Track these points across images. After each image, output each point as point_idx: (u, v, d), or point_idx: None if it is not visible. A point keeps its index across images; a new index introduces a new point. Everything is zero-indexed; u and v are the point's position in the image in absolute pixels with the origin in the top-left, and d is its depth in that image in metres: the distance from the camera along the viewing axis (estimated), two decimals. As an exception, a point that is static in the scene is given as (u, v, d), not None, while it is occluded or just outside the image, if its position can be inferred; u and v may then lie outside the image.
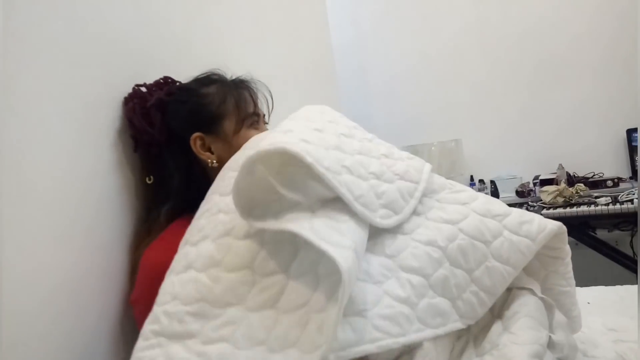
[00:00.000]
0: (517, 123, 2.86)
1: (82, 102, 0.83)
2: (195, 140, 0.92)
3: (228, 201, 0.72)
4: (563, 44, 2.74)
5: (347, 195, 0.66)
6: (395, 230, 0.74)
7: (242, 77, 1.00)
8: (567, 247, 0.84)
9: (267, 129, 1.01)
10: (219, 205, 0.76)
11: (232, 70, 1.01)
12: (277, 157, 0.65)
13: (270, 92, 1.03)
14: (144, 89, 0.96)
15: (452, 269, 0.73)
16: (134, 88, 0.96)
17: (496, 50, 2.89)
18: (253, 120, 0.97)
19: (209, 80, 0.98)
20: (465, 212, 0.79)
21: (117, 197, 0.90)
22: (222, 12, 1.44)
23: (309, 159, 0.62)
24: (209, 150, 0.93)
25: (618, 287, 1.48)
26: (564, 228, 0.81)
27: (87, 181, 0.83)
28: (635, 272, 2.16)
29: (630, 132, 2.58)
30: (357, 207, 0.67)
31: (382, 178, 0.75)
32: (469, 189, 0.87)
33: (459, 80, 2.98)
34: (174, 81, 1.02)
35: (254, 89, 1.00)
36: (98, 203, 0.85)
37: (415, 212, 0.78)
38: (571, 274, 0.85)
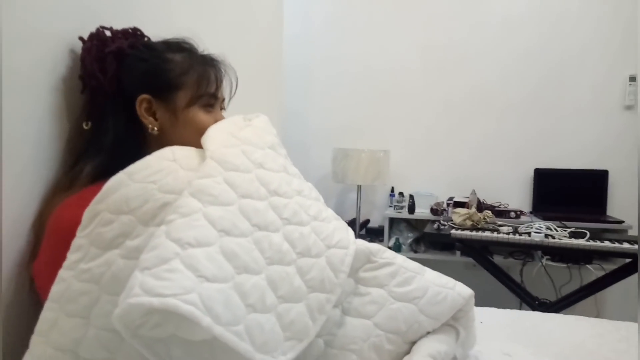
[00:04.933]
0: (443, 144, 2.94)
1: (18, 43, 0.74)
2: (142, 102, 0.84)
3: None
4: (494, 80, 2.84)
5: (248, 349, 0.59)
6: None
7: (213, 56, 0.92)
8: (472, 302, 0.87)
9: (222, 115, 0.93)
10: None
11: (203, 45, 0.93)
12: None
13: (237, 79, 0.96)
14: (108, 33, 0.87)
15: None
16: (97, 29, 0.86)
17: (435, 73, 2.92)
18: (209, 101, 0.89)
19: (179, 47, 0.90)
20: (382, 299, 0.78)
21: (49, 143, 0.81)
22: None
23: (205, 322, 0.55)
24: (154, 115, 0.85)
25: (508, 310, 1.57)
26: (472, 295, 0.85)
27: (22, 125, 0.74)
28: (520, 297, 2.34)
29: (537, 172, 2.77)
30: (258, 357, 0.60)
31: (294, 298, 0.68)
32: (390, 256, 0.83)
33: (397, 95, 2.99)
34: (142, 35, 0.93)
35: (222, 71, 0.92)
36: (31, 149, 0.76)
37: None
38: (471, 322, 0.88)
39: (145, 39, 0.94)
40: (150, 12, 1.16)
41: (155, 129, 0.85)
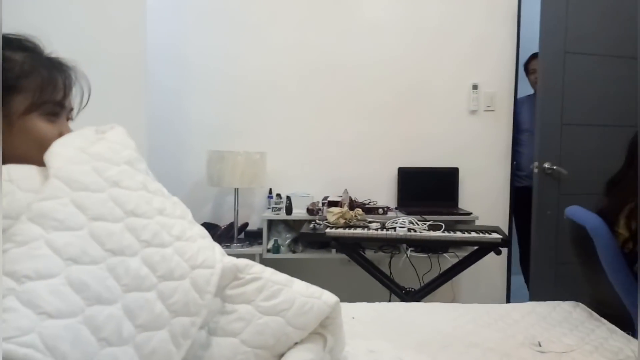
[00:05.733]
0: (317, 146, 3.02)
1: None
2: None
3: None
4: (362, 85, 3.01)
5: None
6: None
7: (63, 60, 0.81)
8: (339, 309, 0.89)
9: (68, 126, 0.83)
10: None
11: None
12: None
13: (90, 87, 0.85)
14: None
15: None
16: None
17: (308, 76, 3.00)
18: (53, 110, 0.79)
19: (20, 45, 0.78)
20: (249, 315, 0.77)
21: None
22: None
23: None
24: None
25: (377, 303, 1.68)
26: (339, 303, 0.87)
27: None
28: (390, 289, 2.52)
29: (401, 170, 3.00)
30: None
31: (155, 325, 0.64)
32: (258, 271, 0.83)
33: (273, 97, 3.01)
34: None
35: (72, 77, 0.82)
36: None
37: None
38: (339, 328, 0.90)
39: None
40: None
41: None
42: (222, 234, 2.80)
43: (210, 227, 2.83)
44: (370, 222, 2.45)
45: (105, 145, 0.74)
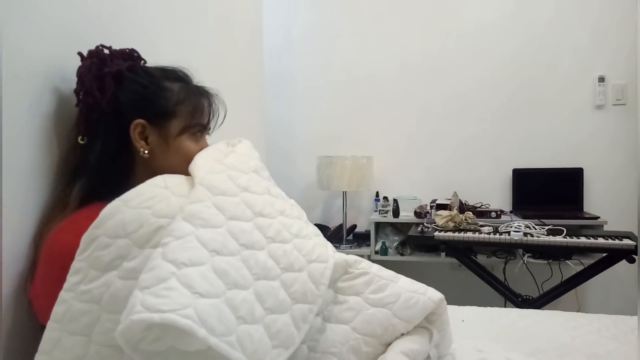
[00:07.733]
0: (423, 149, 3.04)
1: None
2: (137, 126, 0.88)
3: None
4: (470, 86, 2.95)
5: (240, 357, 0.65)
6: None
7: (207, 88, 0.98)
8: (444, 306, 0.93)
9: (206, 142, 0.99)
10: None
11: (196, 73, 0.99)
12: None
13: (226, 110, 1.02)
14: (106, 52, 0.92)
15: None
16: (97, 47, 0.91)
17: (413, 80, 3.03)
18: (198, 130, 0.95)
19: (176, 76, 0.95)
20: (358, 306, 0.85)
21: (45, 158, 0.86)
22: (153, 3, 1.39)
23: (201, 334, 0.61)
24: (145, 139, 0.90)
25: (489, 308, 1.66)
26: (444, 300, 0.91)
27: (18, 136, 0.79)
28: (504, 295, 2.43)
29: (516, 172, 2.88)
30: None
31: (279, 309, 0.75)
32: (365, 266, 0.91)
33: (378, 102, 3.09)
34: (139, 57, 0.98)
35: (215, 104, 0.98)
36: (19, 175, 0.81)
37: None
38: (445, 325, 0.94)
39: (142, 62, 0.99)
40: (133, 34, 1.22)
41: (146, 152, 0.89)
42: (332, 235, 2.95)
43: (320, 229, 2.98)
44: (481, 225, 2.39)
45: (235, 157, 0.88)
